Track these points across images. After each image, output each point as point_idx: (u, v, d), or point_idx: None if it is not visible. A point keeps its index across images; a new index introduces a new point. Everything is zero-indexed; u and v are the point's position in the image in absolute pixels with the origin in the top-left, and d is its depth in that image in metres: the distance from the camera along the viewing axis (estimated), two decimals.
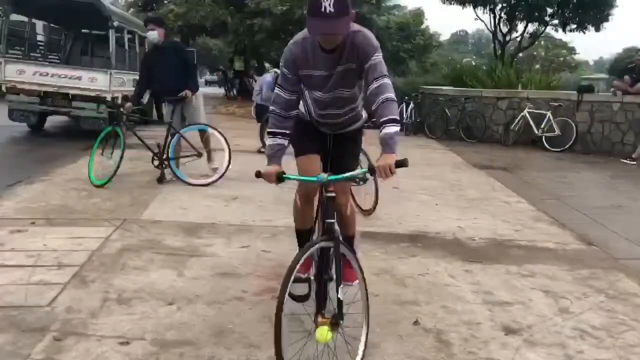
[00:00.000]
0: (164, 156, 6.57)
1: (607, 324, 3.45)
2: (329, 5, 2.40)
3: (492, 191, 7.39)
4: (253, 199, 6.05)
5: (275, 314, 2.41)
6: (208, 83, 45.33)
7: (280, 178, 2.69)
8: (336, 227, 2.69)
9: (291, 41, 2.84)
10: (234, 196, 6.15)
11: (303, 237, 3.23)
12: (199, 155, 6.79)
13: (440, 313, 3.46)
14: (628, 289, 4.10)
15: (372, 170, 2.55)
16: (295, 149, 3.13)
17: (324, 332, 2.41)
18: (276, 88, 2.94)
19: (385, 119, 2.60)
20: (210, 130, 6.98)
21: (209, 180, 6.69)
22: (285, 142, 2.89)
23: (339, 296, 2.52)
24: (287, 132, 2.88)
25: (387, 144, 2.55)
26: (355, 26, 2.73)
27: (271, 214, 5.49)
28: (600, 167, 10.14)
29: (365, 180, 5.70)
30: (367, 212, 5.62)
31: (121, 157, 6.33)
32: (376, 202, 5.60)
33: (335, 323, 2.49)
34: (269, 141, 2.91)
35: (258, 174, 2.75)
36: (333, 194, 2.69)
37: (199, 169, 7.02)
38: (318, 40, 2.69)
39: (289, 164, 2.92)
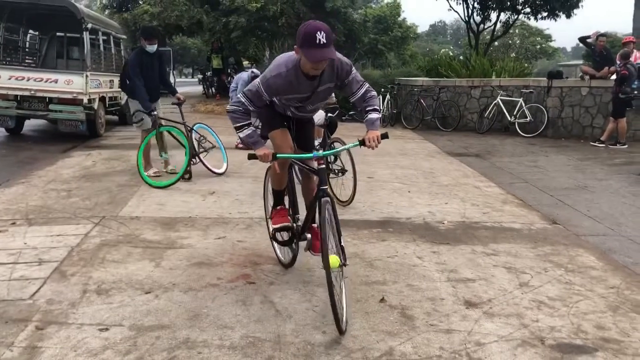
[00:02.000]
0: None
1: (564, 295, 3.67)
2: (322, 38, 2.97)
3: (464, 177, 7.60)
4: (230, 193, 6.20)
5: (326, 274, 2.98)
6: (201, 82, 45.03)
7: (274, 157, 3.21)
8: (329, 191, 3.21)
9: (274, 73, 3.22)
10: (211, 191, 6.29)
11: (279, 195, 3.79)
12: (213, 146, 7.34)
13: (406, 291, 3.65)
14: (587, 262, 4.33)
15: (362, 142, 3.21)
16: (268, 125, 3.60)
17: (333, 259, 2.98)
18: (242, 97, 3.32)
19: (370, 108, 3.38)
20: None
21: (221, 170, 7.24)
22: (255, 129, 3.42)
23: (342, 244, 3.21)
24: (250, 121, 3.39)
25: (372, 124, 3.33)
26: None
27: (247, 206, 5.64)
28: (570, 150, 10.41)
29: (344, 172, 5.88)
30: (345, 203, 5.74)
31: (187, 157, 6.73)
32: (354, 194, 5.73)
33: (340, 265, 3.12)
34: (245, 132, 3.35)
35: (252, 156, 3.23)
36: (324, 166, 3.26)
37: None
38: (310, 67, 3.12)
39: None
